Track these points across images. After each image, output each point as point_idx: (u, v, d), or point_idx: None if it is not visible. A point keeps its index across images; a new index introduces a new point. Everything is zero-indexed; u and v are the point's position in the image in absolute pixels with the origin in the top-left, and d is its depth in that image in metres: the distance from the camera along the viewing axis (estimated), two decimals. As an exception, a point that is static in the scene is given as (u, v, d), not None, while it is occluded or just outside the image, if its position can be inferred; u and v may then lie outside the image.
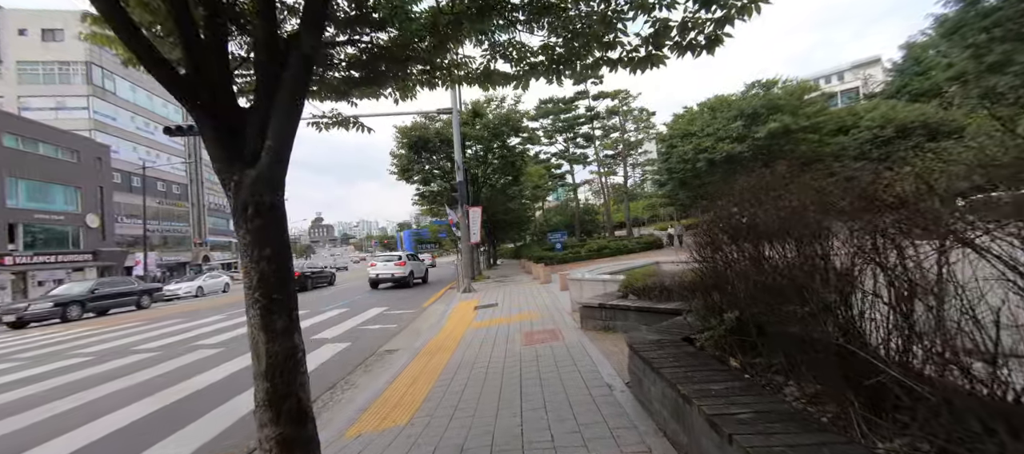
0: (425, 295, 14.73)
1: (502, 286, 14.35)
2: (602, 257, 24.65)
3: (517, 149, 18.48)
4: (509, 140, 18.16)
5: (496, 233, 29.14)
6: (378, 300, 13.80)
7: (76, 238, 31.53)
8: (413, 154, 16.94)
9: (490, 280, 17.34)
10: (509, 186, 20.10)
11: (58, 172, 30.25)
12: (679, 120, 24.72)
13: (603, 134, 34.42)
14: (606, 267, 18.78)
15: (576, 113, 31.09)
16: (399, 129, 16.44)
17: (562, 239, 26.14)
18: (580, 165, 34.56)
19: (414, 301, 13.02)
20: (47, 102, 36.68)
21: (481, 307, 9.94)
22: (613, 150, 35.10)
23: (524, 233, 42.58)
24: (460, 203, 12.67)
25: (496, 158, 19.17)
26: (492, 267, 26.99)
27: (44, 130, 30.29)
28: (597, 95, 30.93)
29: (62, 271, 30.25)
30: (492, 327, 7.35)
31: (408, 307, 11.60)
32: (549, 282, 13.63)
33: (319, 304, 13.49)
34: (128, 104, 41.50)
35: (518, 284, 14.50)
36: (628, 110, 31.90)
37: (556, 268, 19.38)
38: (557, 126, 31.29)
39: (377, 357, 6.29)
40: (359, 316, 10.34)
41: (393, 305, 12.26)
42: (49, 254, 29.07)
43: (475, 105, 16.91)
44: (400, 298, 14.14)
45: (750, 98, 21.53)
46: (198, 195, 53.62)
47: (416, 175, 17.98)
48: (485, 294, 12.44)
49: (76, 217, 31.37)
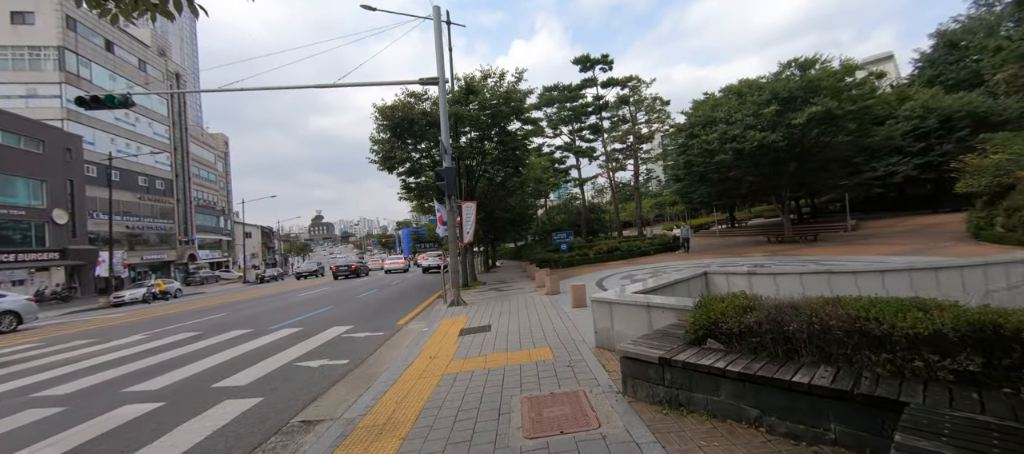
0: (408, 305, 12.22)
1: (499, 297, 11.82)
2: (613, 260, 22.12)
3: (519, 135, 15.89)
4: (510, 125, 15.60)
5: (494, 232, 26.59)
6: (347, 314, 11.29)
7: (41, 235, 29.13)
8: (396, 139, 14.39)
9: (485, 288, 14.81)
10: (510, 177, 17.51)
11: (20, 163, 27.84)
12: (701, 106, 22.09)
13: (611, 126, 31.84)
14: (622, 271, 16.24)
15: (583, 101, 28.48)
16: (379, 109, 13.89)
17: (568, 239, 23.59)
18: (586, 158, 31.95)
19: (390, 315, 10.52)
20: (16, 89, 34.31)
21: (468, 331, 7.41)
22: (622, 143, 32.51)
23: (525, 232, 40.05)
24: (447, 195, 10.12)
25: (494, 147, 16.62)
26: (490, 270, 24.45)
27: (4, 117, 27.86)
28: (606, 82, 28.34)
29: (23, 271, 27.88)
30: (478, 375, 4.83)
31: (377, 328, 9.09)
32: (556, 292, 11.09)
33: (272, 319, 10.98)
34: (106, 92, 38.99)
35: (518, 294, 11.96)
36: (640, 99, 29.29)
37: (563, 273, 16.84)
38: (562, 115, 28.69)
39: (281, 439, 3.76)
40: (307, 342, 7.82)
41: (362, 322, 9.75)
42: (8, 253, 26.66)
43: (469, 81, 14.34)
44: (375, 311, 11.63)
45: (784, 80, 18.90)
46: (184, 191, 51.27)
47: (400, 165, 15.41)
48: (477, 309, 9.91)
49: (41, 212, 28.96)
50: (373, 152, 14.63)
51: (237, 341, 8.23)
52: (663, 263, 17.66)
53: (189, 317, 12.20)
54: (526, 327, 7.30)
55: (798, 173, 20.84)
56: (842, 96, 17.29)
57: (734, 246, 23.98)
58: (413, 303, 12.90)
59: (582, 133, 31.33)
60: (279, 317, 11.16)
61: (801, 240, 21.44)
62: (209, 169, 60.40)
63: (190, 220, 52.50)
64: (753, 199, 31.85)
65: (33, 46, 34.59)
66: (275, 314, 11.93)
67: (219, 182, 63.74)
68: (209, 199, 59.32)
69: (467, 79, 14.44)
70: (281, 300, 16.62)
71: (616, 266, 18.85)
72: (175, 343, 8.44)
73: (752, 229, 33.25)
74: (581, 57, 28.13)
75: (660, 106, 28.79)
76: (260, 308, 13.87)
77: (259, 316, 11.63)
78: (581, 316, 7.74)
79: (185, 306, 16.60)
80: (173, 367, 6.42)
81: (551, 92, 28.01)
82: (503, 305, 10.03)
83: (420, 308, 11.68)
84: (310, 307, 13.29)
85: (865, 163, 21.18)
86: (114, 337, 9.50)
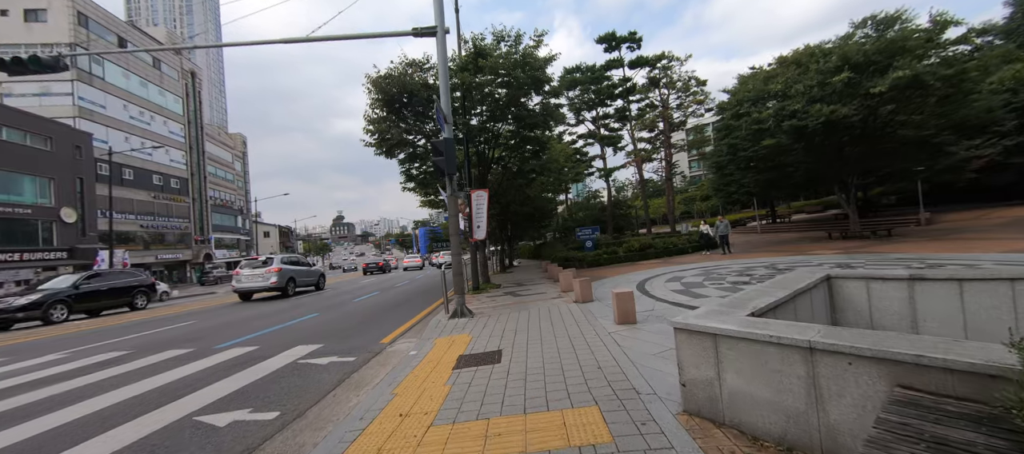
0: (404, 314, 9.97)
1: (516, 306, 9.43)
2: (646, 258, 19.42)
3: (538, 111, 13.44)
4: (528, 98, 13.17)
5: (511, 229, 24.19)
6: (327, 324, 9.12)
7: (48, 234, 28.48)
8: (392, 116, 12.18)
9: (499, 291, 12.44)
10: (527, 161, 15.05)
11: (26, 160, 27.19)
12: (749, 81, 19.08)
13: (639, 114, 28.96)
14: (663, 273, 13.53)
15: (609, 83, 25.71)
16: (371, 80, 11.69)
17: (593, 236, 21.00)
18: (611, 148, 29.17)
19: (378, 328, 8.28)
20: (31, 87, 34.06)
21: (469, 360, 5.05)
22: (650, 131, 29.59)
23: (545, 229, 37.53)
24: (446, 175, 7.80)
25: (510, 128, 14.24)
26: (507, 270, 22.08)
27: (7, 113, 27.26)
28: (634, 61, 25.51)
29: (29, 270, 27.20)
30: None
31: (353, 348, 6.85)
32: (588, 300, 8.62)
33: (235, 332, 8.91)
34: (119, 91, 38.67)
35: (539, 301, 9.55)
36: (672, 81, 26.33)
37: (590, 274, 14.33)
38: (586, 99, 26.01)
39: None
40: (245, 373, 5.63)
41: (338, 338, 7.54)
42: (12, 252, 25.97)
43: (478, 43, 12.01)
44: (363, 321, 9.43)
45: (856, 44, 15.78)
46: (200, 189, 50.99)
47: (400, 148, 13.19)
48: (486, 323, 7.55)
49: (48, 210, 28.31)
50: (367, 132, 12.46)
51: (160, 368, 6.14)
52: (711, 263, 14.90)
53: (138, 329, 10.24)
54: (553, 358, 4.87)
55: (870, 156, 17.63)
56: (932, 60, 14.10)
57: (787, 243, 20.84)
58: (412, 310, 10.66)
59: (606, 121, 28.57)
60: (243, 329, 9.09)
61: (872, 236, 18.22)
62: (226, 168, 60.29)
63: (206, 219, 52.23)
64: (808, 190, 28.34)
65: (46, 43, 34.25)
66: (243, 324, 9.88)
67: (237, 181, 63.68)
68: (226, 198, 59.18)
69: (476, 41, 12.08)
70: (269, 305, 14.70)
71: (652, 266, 16.18)
72: (85, 368, 6.42)
73: (799, 225, 29.74)
74: (606, 35, 25.42)
75: (696, 86, 25.73)
76: (234, 316, 11.91)
77: (221, 328, 9.60)
78: (633, 339, 5.27)
79: (152, 314, 14.71)
80: (47, 409, 4.35)
81: (573, 74, 25.37)
82: (520, 317, 7.62)
83: (418, 317, 9.41)
84: (292, 314, 11.22)
85: (951, 143, 17.68)
86: (26, 356, 7.57)
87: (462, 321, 7.83)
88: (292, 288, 17.43)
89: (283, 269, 17.06)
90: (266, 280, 16.42)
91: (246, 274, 16.78)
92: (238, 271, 17.24)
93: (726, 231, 18.47)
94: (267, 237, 72.75)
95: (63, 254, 28.81)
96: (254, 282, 16.50)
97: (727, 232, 18.37)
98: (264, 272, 16.59)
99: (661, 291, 9.28)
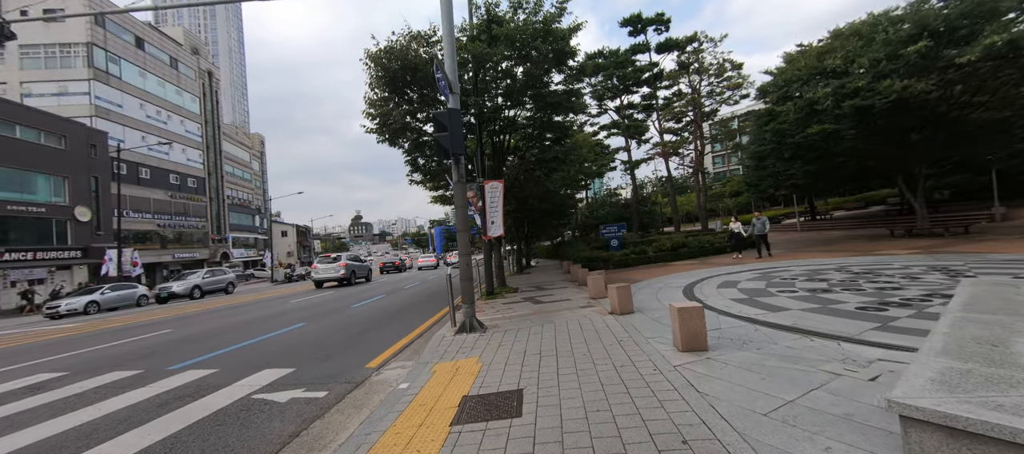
0: (406, 323, 8.48)
1: (537, 316, 7.84)
2: (680, 259, 17.51)
3: (561, 91, 11.76)
4: (549, 76, 11.52)
5: (528, 226, 22.55)
6: (311, 337, 7.71)
7: (63, 233, 28.33)
8: (394, 96, 10.72)
9: (516, 297, 10.84)
10: (549, 148, 13.36)
11: (40, 159, 27.03)
12: (798, 60, 16.88)
13: (665, 104, 26.85)
14: (705, 276, 11.61)
15: (635, 67, 23.71)
16: (370, 55, 10.25)
17: (619, 234, 19.19)
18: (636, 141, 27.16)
19: (368, 344, 6.81)
20: (49, 87, 34.24)
21: (476, 407, 3.45)
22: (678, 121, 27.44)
23: (563, 227, 35.73)
24: (452, 155, 6.23)
25: (527, 109, 12.63)
26: (524, 271, 20.46)
27: (21, 111, 27.16)
28: (662, 45, 23.48)
29: (42, 269, 27.05)
30: None
31: (329, 376, 5.38)
32: (628, 310, 6.94)
33: (202, 347, 7.58)
34: (136, 90, 38.70)
35: (565, 311, 7.92)
36: (703, 66, 24.17)
37: (618, 275, 12.62)
38: (609, 86, 24.11)
39: None
40: (187, 409, 4.24)
41: (317, 359, 6.09)
42: (26, 251, 25.80)
43: (490, 8, 10.42)
44: (356, 333, 7.98)
45: (932, 9, 13.50)
46: (217, 188, 51.10)
47: (404, 135, 11.71)
48: (500, 341, 5.96)
49: (62, 209, 28.15)
50: (368, 116, 11.02)
51: (84, 400, 4.80)
52: (765, 265, 12.94)
53: (97, 340, 9.00)
54: (599, 406, 3.23)
55: (940, 142, 15.29)
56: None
57: (838, 242, 18.56)
58: (414, 320, 9.16)
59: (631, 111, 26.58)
60: (214, 343, 7.76)
61: (945, 233, 15.84)
62: (244, 168, 60.54)
63: (223, 218, 52.36)
64: (858, 182, 25.72)
65: (64, 43, 34.40)
66: (219, 336, 8.58)
67: (254, 181, 63.97)
68: (244, 198, 59.42)
69: (489, 6, 10.50)
70: (260, 309, 13.51)
71: (689, 267, 14.31)
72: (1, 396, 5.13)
73: (842, 222, 27.14)
74: (631, 17, 23.46)
75: (731, 70, 23.48)
76: (217, 323, 10.69)
77: (191, 341, 8.31)
78: (716, 380, 3.56)
79: (125, 319, 13.55)
80: None
81: (595, 59, 23.50)
82: (544, 335, 6.00)
83: (420, 330, 7.90)
84: (279, 323, 9.89)
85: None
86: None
87: (471, 338, 6.26)
88: (354, 279, 23.01)
89: (347, 264, 22.89)
90: (336, 272, 22.15)
91: (322, 268, 22.78)
92: (315, 265, 23.59)
93: (764, 229, 15.71)
94: (285, 236, 73.08)
95: (78, 253, 28.62)
96: (327, 273, 22.18)
97: (765, 231, 15.82)
98: (335, 266, 22.63)
99: (718, 300, 7.51)
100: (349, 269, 22.63)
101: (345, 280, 21.94)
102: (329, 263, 23.06)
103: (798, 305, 6.47)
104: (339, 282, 22.19)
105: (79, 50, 34.54)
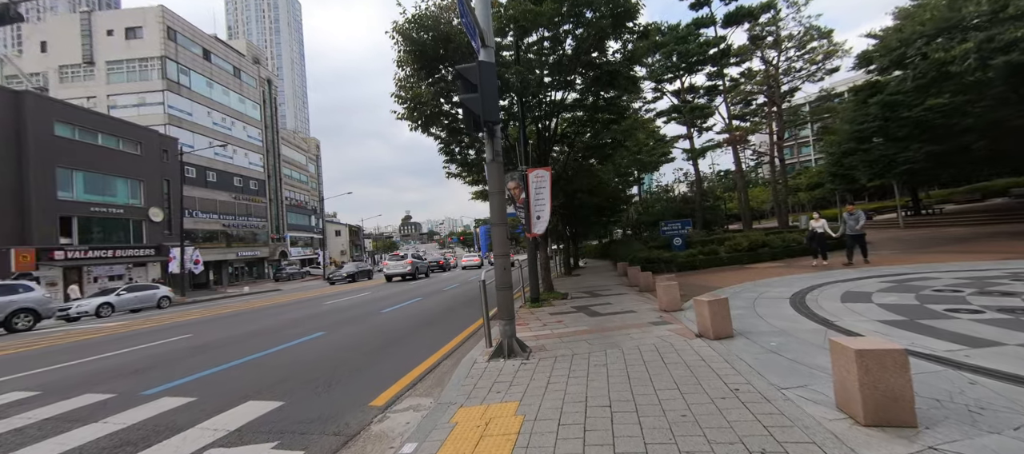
0: (437, 337, 7.10)
1: (594, 335, 6.15)
2: (759, 261, 14.86)
3: (618, 62, 9.88)
4: (609, 46, 9.70)
5: (577, 224, 20.64)
6: (321, 355, 6.53)
7: (138, 232, 30.52)
8: (424, 73, 9.42)
9: (566, 305, 9.13)
10: (602, 130, 11.46)
11: (119, 164, 29.24)
12: (921, 11, 13.46)
13: (733, 84, 23.69)
14: (806, 283, 9.06)
15: (698, 44, 20.92)
16: (396, 28, 9.01)
17: (683, 232, 16.78)
18: (696, 128, 24.23)
19: (383, 367, 5.47)
20: (131, 99, 37.34)
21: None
22: (746, 105, 24.13)
23: (614, 225, 33.25)
24: (483, 123, 4.67)
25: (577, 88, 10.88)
26: (572, 273, 18.61)
27: (102, 120, 29.50)
28: (731, 15, 20.52)
29: (121, 266, 29.24)
30: None
31: (325, 414, 4.05)
32: (725, 335, 5.01)
33: (201, 360, 6.65)
34: (204, 99, 41.38)
35: (632, 328, 6.14)
36: (780, 39, 20.86)
37: (686, 280, 10.54)
38: (667, 65, 21.50)
39: None
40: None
41: (318, 386, 4.83)
42: (108, 248, 27.96)
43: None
44: (376, 348, 6.71)
45: None
46: (276, 190, 53.82)
47: (438, 122, 10.39)
48: (548, 375, 4.32)
49: (138, 210, 30.33)
50: (397, 99, 9.83)
51: (27, 438, 3.78)
52: (905, 269, 10.21)
53: (93, 350, 8.23)
54: None
55: None
56: None
57: (968, 241, 14.82)
58: (444, 332, 7.76)
59: (693, 95, 23.71)
60: (213, 358, 6.81)
61: None
62: (300, 170, 63.57)
63: (282, 218, 55.10)
64: (991, 166, 21.11)
65: (142, 58, 37.36)
66: (225, 348, 7.69)
67: (310, 183, 67.06)
68: (300, 199, 62.37)
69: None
70: (291, 311, 12.89)
71: (774, 272, 11.79)
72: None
73: (954, 217, 22.42)
74: (694, -13, 20.72)
75: (818, 39, 19.92)
76: (235, 328, 9.99)
77: (193, 353, 7.46)
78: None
79: (136, 325, 12.41)
80: None
81: (652, 36, 20.98)
82: (609, 366, 4.27)
83: (449, 347, 6.47)
84: (299, 331, 8.94)
85: None
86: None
87: (509, 367, 4.68)
88: (419, 274, 26.31)
89: (413, 261, 26.52)
90: (404, 268, 25.38)
91: (392, 264, 26.41)
92: (386, 262, 27.74)
93: (858, 227, 11.28)
94: (338, 236, 76.21)
95: (151, 251, 30.71)
96: (397, 269, 25.45)
97: (859, 228, 11.36)
98: (403, 262, 26.04)
99: (856, 321, 5.34)
100: (414, 265, 25.85)
101: (412, 275, 25.08)
102: (398, 261, 26.34)
103: (1008, 335, 4.21)
104: (404, 277, 25.05)
105: (154, 63, 37.36)
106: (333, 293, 20.00)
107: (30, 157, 23.83)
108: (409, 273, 24.94)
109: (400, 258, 26.87)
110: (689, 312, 6.87)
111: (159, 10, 37.53)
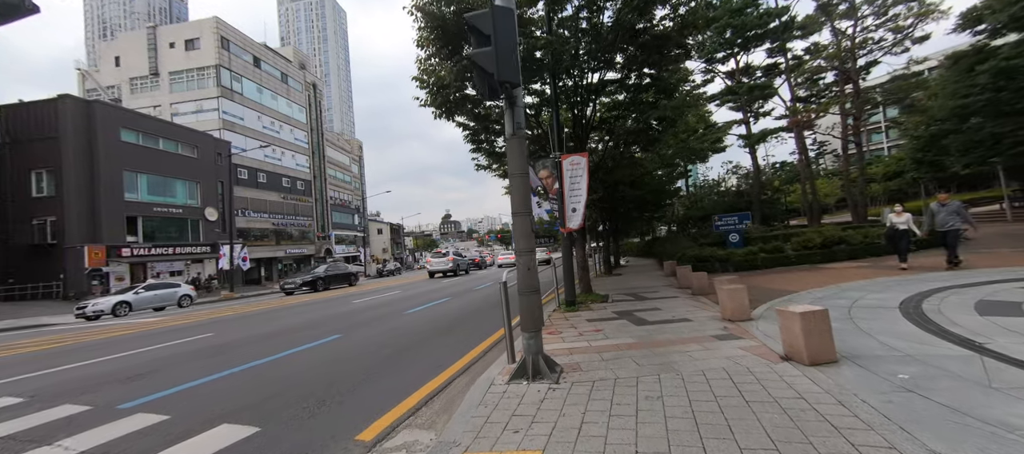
0: (456, 347, 6.25)
1: (641, 350, 5.01)
2: (835, 260, 12.84)
3: (669, 28, 8.55)
4: (655, 13, 8.42)
5: (617, 220, 19.16)
6: (328, 363, 5.86)
7: (195, 230, 32.45)
8: (446, 51, 8.59)
9: (606, 309, 7.97)
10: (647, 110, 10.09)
11: (178, 167, 31.17)
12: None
13: (796, 62, 21.07)
14: (914, 288, 6.96)
15: (758, 12, 18.65)
16: (416, 4, 8.24)
17: (741, 227, 14.94)
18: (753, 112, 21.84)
19: (389, 382, 4.65)
20: (190, 106, 39.91)
21: None
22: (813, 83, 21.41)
23: (657, 220, 31.14)
24: (500, 86, 3.66)
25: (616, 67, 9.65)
26: (613, 272, 17.22)
27: (162, 125, 31.53)
28: (796, -18, 18.10)
29: (180, 262, 31.18)
30: None
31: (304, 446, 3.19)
32: (825, 361, 3.69)
33: (203, 365, 6.17)
34: (254, 104, 43.50)
35: (690, 343, 4.94)
36: (855, 6, 18.14)
37: (747, 282, 9.06)
38: (720, 42, 19.40)
39: None
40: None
41: (308, 406, 4.09)
42: (168, 246, 29.87)
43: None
44: (384, 357, 5.95)
45: None
46: (321, 190, 55.88)
47: (463, 108, 9.54)
48: (584, 410, 3.25)
49: (195, 210, 32.23)
50: (419, 83, 9.08)
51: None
52: (1001, 274, 8.18)
53: (97, 351, 7.89)
54: None
55: None
56: None
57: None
58: (466, 340, 6.87)
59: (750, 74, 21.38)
60: (216, 364, 6.34)
61: None
62: (344, 171, 65.76)
63: (327, 217, 57.16)
64: None
65: (200, 67, 39.79)
66: (239, 350, 7.26)
67: (353, 183, 69.27)
68: (344, 199, 64.52)
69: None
70: (315, 310, 12.59)
71: (859, 274, 9.93)
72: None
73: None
74: (750, -46, 18.49)
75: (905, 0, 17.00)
76: (254, 329, 9.67)
77: (199, 355, 7.07)
78: None
79: (150, 324, 12.39)
80: None
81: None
82: (664, 400, 3.14)
83: (466, 360, 5.57)
84: (315, 333, 8.43)
85: None
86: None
87: (533, 394, 3.67)
88: (460, 270, 27.52)
89: (454, 258, 27.97)
90: (446, 265, 26.65)
91: (434, 261, 27.57)
92: (429, 259, 28.94)
93: (959, 221, 8.84)
94: (380, 234, 78.33)
95: (207, 248, 32.56)
96: (439, 265, 26.69)
97: (957, 225, 8.88)
98: (445, 260, 27.25)
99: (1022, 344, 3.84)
100: (456, 262, 27.22)
101: (453, 271, 26.42)
102: (440, 257, 27.53)
103: None
104: (444, 273, 26.28)
105: (210, 72, 39.68)
106: (369, 290, 19.87)
107: (100, 161, 25.78)
108: (451, 269, 26.34)
109: (442, 255, 28.13)
110: (762, 323, 5.54)
111: (214, 21, 39.79)
